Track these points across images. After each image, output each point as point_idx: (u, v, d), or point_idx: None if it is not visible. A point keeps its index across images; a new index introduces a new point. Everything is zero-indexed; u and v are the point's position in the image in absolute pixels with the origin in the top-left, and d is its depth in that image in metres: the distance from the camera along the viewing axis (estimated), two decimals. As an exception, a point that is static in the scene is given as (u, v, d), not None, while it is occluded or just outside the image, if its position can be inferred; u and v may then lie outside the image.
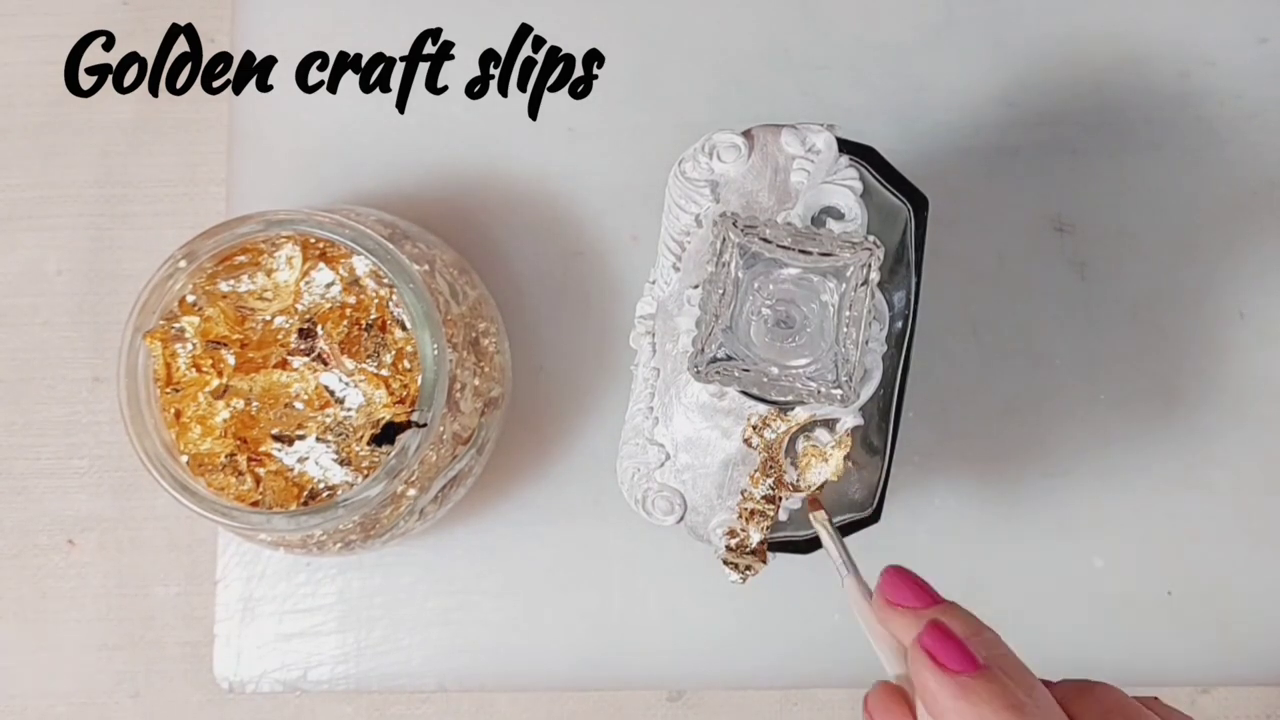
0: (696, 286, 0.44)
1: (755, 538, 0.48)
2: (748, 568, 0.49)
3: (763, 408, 0.47)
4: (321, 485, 0.53)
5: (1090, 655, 0.60)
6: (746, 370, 0.44)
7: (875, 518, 0.51)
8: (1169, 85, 0.62)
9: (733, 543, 0.48)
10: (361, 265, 0.53)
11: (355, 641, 0.61)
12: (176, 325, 0.52)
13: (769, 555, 0.49)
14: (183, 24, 0.65)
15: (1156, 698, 0.43)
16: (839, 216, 0.48)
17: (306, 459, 0.53)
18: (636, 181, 0.62)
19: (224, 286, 0.53)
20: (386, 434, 0.52)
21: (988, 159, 0.62)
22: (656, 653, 0.61)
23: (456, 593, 0.61)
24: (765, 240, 0.44)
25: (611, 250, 0.62)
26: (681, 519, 0.49)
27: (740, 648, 0.60)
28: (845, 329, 0.44)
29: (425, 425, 0.51)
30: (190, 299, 0.53)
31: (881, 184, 0.50)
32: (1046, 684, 0.41)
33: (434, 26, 0.63)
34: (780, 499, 0.48)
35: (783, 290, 0.45)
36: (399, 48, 0.63)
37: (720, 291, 0.44)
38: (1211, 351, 0.61)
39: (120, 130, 0.65)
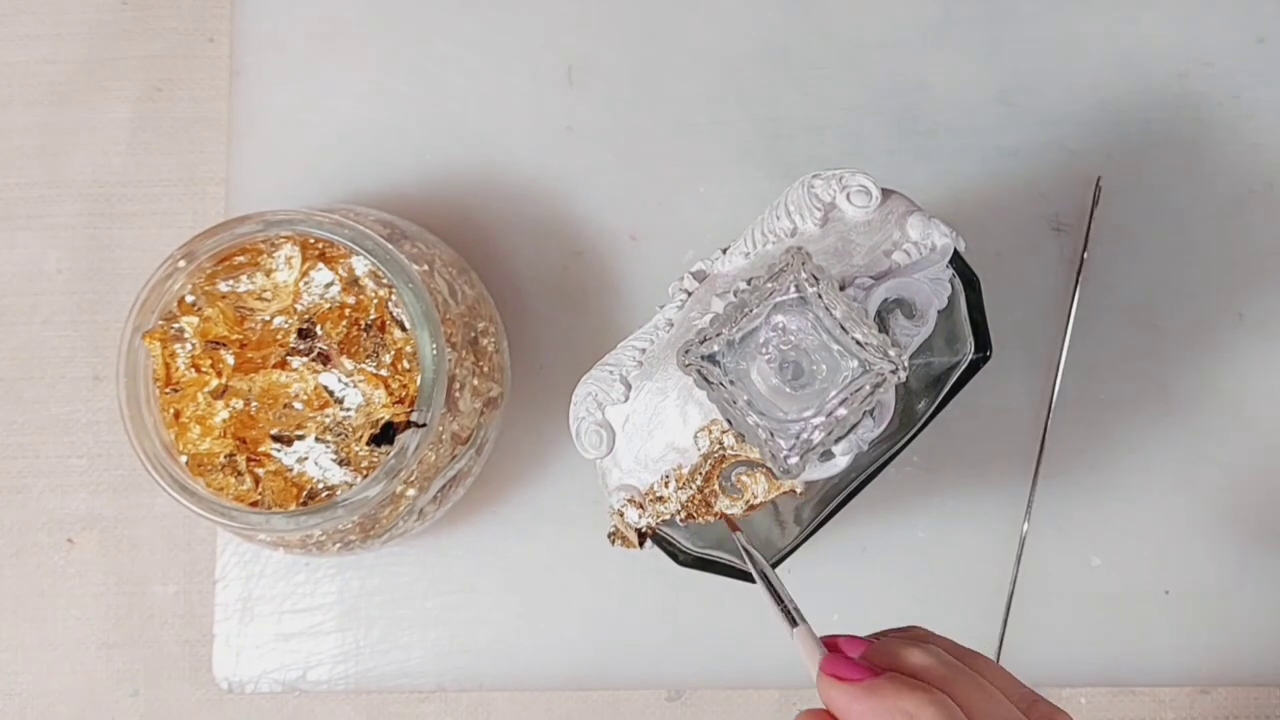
0: (749, 282, 0.44)
1: (644, 522, 0.48)
2: (623, 538, 0.49)
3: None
4: (321, 485, 0.53)
5: (1088, 655, 0.60)
6: (731, 383, 0.44)
7: (755, 579, 0.51)
8: (1167, 85, 0.62)
9: (628, 510, 0.48)
10: (361, 265, 0.53)
11: (354, 641, 0.61)
12: (176, 325, 0.53)
13: (646, 544, 0.49)
14: (182, 24, 0.65)
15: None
16: (910, 315, 0.47)
17: (306, 459, 0.53)
18: (636, 181, 0.62)
19: (223, 286, 0.53)
20: (386, 434, 0.52)
21: (987, 159, 0.62)
22: (656, 653, 0.61)
23: (456, 592, 0.61)
24: (820, 296, 0.44)
25: (611, 250, 0.62)
26: (602, 459, 0.49)
27: (740, 647, 0.60)
28: (837, 410, 0.44)
29: (424, 425, 0.51)
30: (189, 299, 0.53)
31: (964, 312, 0.49)
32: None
33: (434, 27, 0.63)
34: (691, 512, 0.48)
35: (803, 341, 0.44)
36: (398, 48, 0.63)
37: (750, 310, 0.44)
38: (1210, 352, 0.61)
39: (120, 130, 0.65)
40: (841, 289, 0.44)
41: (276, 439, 0.53)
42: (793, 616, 0.44)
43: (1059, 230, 0.61)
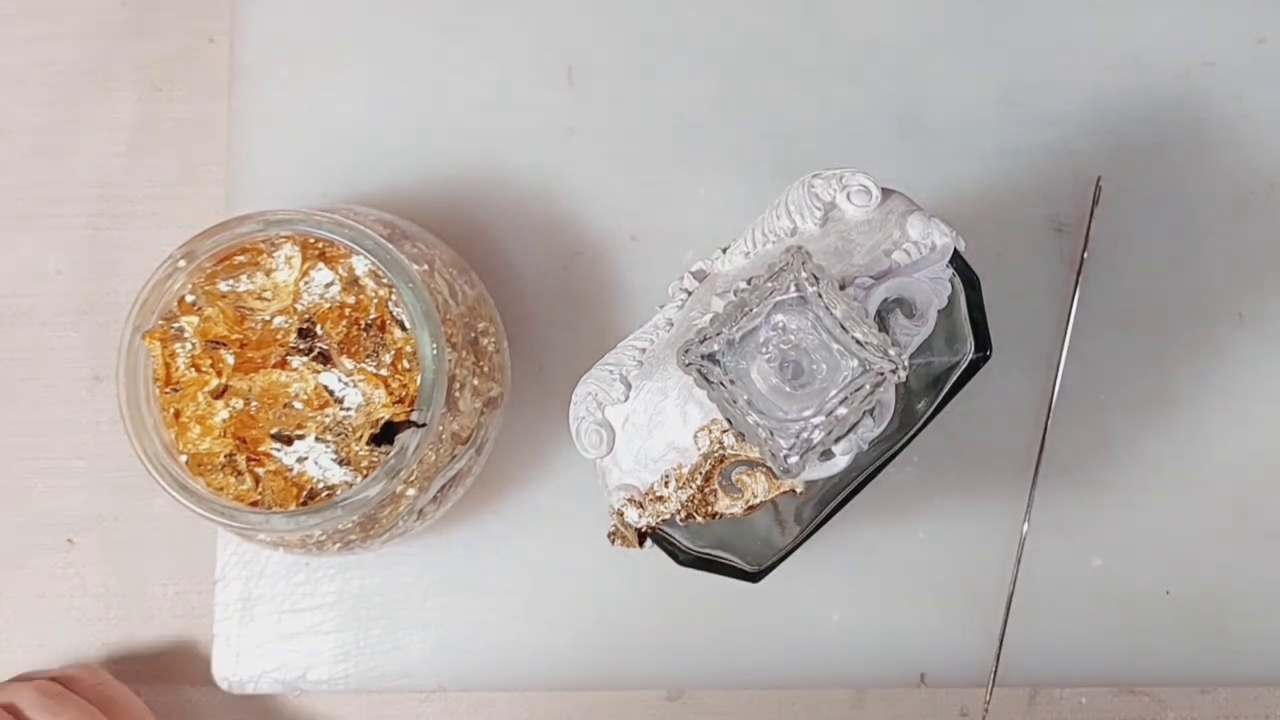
0: (749, 281, 0.44)
1: (644, 521, 0.48)
2: (623, 538, 0.49)
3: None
4: (321, 485, 0.53)
5: (1089, 655, 0.60)
6: (731, 382, 0.44)
7: (756, 578, 0.50)
8: (1168, 85, 0.62)
9: (628, 510, 0.48)
10: (361, 265, 0.53)
11: (354, 641, 0.61)
12: (176, 325, 0.52)
13: (646, 544, 0.49)
14: (182, 24, 0.65)
15: None
16: (910, 315, 0.47)
17: (306, 459, 0.53)
18: (636, 181, 0.62)
19: (223, 286, 0.53)
20: (386, 434, 0.52)
21: (988, 159, 0.62)
22: (656, 652, 0.61)
23: (456, 592, 0.61)
24: (820, 296, 0.44)
25: (611, 250, 0.62)
26: (602, 458, 0.49)
27: (740, 648, 0.60)
28: (837, 410, 0.44)
29: (424, 425, 0.51)
30: (189, 299, 0.53)
31: (965, 312, 0.49)
32: None
33: (434, 27, 0.63)
34: (691, 512, 0.48)
35: (803, 340, 0.44)
36: (398, 48, 0.63)
37: (749, 309, 0.44)
38: (1210, 352, 0.61)
39: (120, 130, 0.65)
40: (841, 288, 0.44)
41: (276, 439, 0.53)
42: None
43: (1059, 230, 0.61)
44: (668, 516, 0.48)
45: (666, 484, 0.48)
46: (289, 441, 0.53)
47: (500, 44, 0.63)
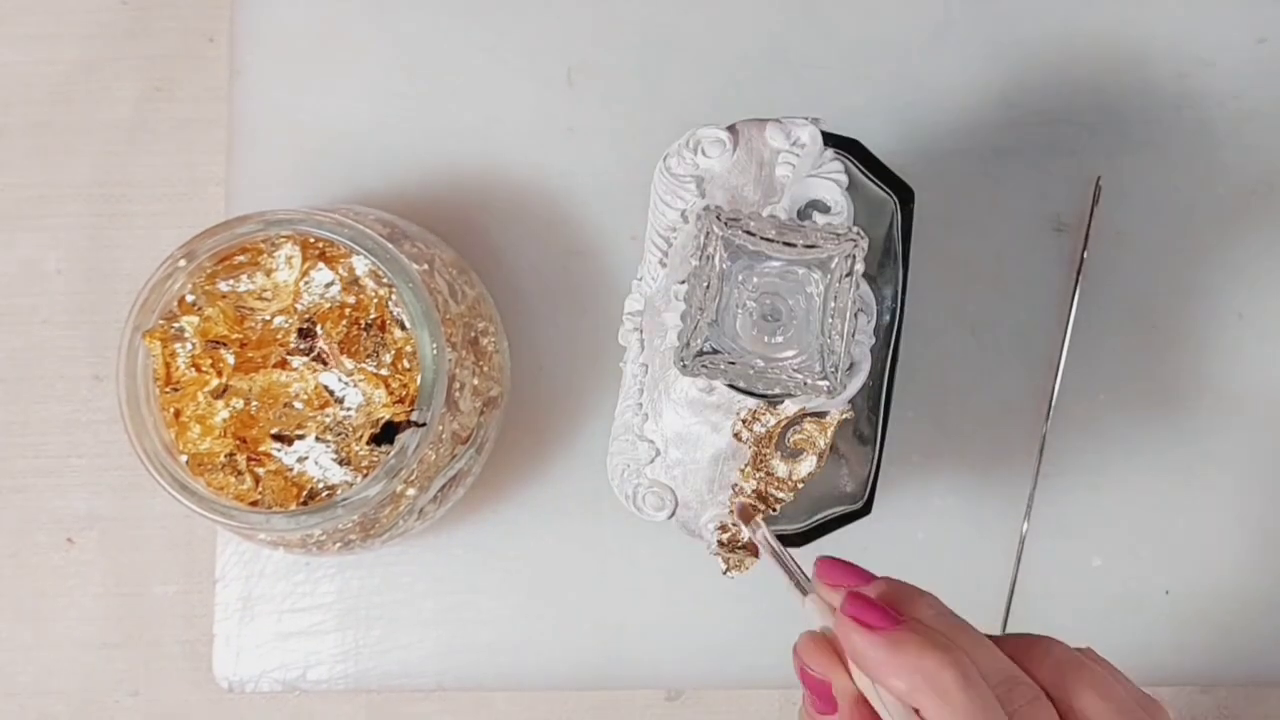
0: (683, 282, 0.44)
1: (745, 533, 0.48)
2: (740, 562, 0.49)
3: (751, 401, 0.46)
4: (321, 485, 0.53)
5: (1089, 655, 0.60)
6: (733, 363, 0.44)
7: (866, 509, 0.51)
8: (1167, 85, 0.62)
9: (724, 537, 0.48)
10: (361, 265, 0.53)
11: (354, 640, 0.61)
12: (176, 325, 0.53)
13: (760, 552, 0.49)
14: (182, 24, 0.65)
15: (1090, 648, 0.45)
16: (825, 210, 0.47)
17: (306, 458, 0.53)
18: (636, 181, 0.62)
19: (223, 286, 0.53)
20: (386, 433, 0.53)
21: (987, 159, 0.62)
22: (656, 652, 0.61)
23: (455, 592, 0.61)
24: (749, 233, 0.44)
25: (610, 250, 0.62)
26: (673, 514, 0.49)
27: (740, 647, 0.60)
28: (830, 321, 0.44)
29: (424, 424, 0.51)
30: (190, 298, 0.53)
31: (867, 176, 0.50)
32: (994, 639, 0.42)
33: (434, 27, 0.63)
34: (770, 494, 0.48)
35: (767, 283, 0.44)
36: (398, 48, 0.63)
37: (705, 285, 0.44)
38: (1210, 352, 0.61)
39: (119, 130, 0.65)
40: None
41: (277, 438, 0.53)
42: (803, 587, 0.44)
43: (1059, 230, 0.61)
44: (760, 517, 0.48)
45: (739, 492, 0.48)
46: (289, 441, 0.53)
47: (500, 44, 0.63)
